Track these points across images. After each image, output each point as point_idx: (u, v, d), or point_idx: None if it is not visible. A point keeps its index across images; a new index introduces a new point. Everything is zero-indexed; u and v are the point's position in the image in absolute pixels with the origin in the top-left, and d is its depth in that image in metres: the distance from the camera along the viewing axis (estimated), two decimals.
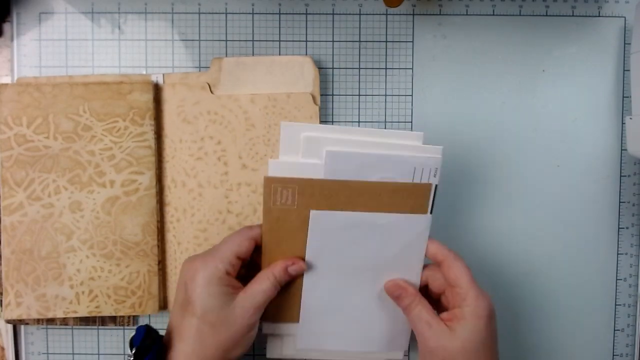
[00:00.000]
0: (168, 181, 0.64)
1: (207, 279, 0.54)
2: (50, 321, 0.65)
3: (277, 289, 0.57)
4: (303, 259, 0.58)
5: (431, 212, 0.57)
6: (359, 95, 0.66)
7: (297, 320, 0.61)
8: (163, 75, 0.64)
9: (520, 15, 0.65)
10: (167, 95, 0.64)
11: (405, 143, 0.57)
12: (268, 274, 0.56)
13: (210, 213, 0.65)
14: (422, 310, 0.56)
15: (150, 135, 0.63)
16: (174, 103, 0.64)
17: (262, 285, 0.56)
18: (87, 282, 0.63)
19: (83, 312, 0.63)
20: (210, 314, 0.54)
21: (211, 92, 0.64)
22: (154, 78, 0.64)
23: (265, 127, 0.64)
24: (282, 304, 0.60)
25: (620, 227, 0.67)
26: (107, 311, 0.63)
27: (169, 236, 0.65)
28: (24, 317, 0.63)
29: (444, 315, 0.56)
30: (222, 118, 0.64)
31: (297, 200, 0.56)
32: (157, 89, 0.64)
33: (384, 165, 0.56)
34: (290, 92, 0.64)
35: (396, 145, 0.56)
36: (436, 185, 0.57)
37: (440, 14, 0.65)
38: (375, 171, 0.56)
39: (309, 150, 0.56)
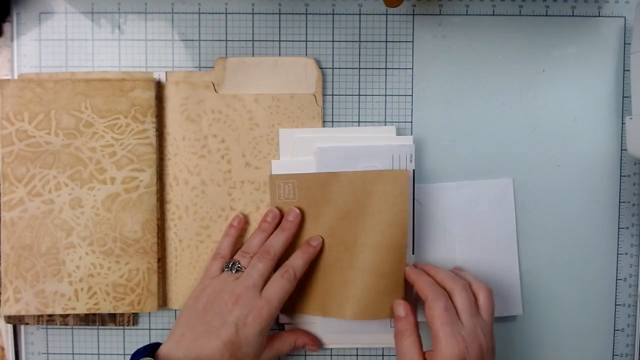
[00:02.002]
0: (170, 179, 0.64)
1: (260, 329, 0.58)
2: (50, 321, 0.65)
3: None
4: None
5: (414, 195, 0.64)
6: (359, 95, 0.66)
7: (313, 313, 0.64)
8: (166, 73, 0.64)
9: (520, 15, 0.66)
10: (170, 93, 0.64)
11: (382, 135, 0.65)
12: (290, 341, 0.63)
13: (213, 210, 0.65)
14: (412, 345, 0.57)
15: (152, 133, 0.63)
16: (177, 101, 0.64)
17: (284, 347, 0.62)
18: (86, 279, 0.62)
19: (82, 309, 0.63)
20: (246, 357, 0.58)
21: (215, 91, 0.64)
22: (156, 76, 0.64)
23: (269, 126, 0.65)
24: (300, 297, 0.65)
25: (620, 227, 0.67)
26: (105, 308, 0.63)
27: (170, 234, 0.64)
28: (23, 312, 0.62)
29: (428, 354, 0.57)
30: (226, 117, 0.64)
31: (297, 193, 0.63)
32: (159, 87, 0.64)
33: (366, 156, 0.63)
34: (293, 92, 0.65)
35: (374, 137, 0.65)
36: (414, 170, 0.64)
37: (440, 14, 0.66)
38: (359, 161, 0.63)
39: (302, 149, 0.65)
